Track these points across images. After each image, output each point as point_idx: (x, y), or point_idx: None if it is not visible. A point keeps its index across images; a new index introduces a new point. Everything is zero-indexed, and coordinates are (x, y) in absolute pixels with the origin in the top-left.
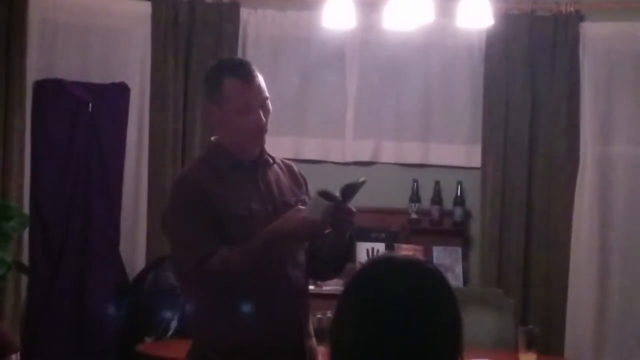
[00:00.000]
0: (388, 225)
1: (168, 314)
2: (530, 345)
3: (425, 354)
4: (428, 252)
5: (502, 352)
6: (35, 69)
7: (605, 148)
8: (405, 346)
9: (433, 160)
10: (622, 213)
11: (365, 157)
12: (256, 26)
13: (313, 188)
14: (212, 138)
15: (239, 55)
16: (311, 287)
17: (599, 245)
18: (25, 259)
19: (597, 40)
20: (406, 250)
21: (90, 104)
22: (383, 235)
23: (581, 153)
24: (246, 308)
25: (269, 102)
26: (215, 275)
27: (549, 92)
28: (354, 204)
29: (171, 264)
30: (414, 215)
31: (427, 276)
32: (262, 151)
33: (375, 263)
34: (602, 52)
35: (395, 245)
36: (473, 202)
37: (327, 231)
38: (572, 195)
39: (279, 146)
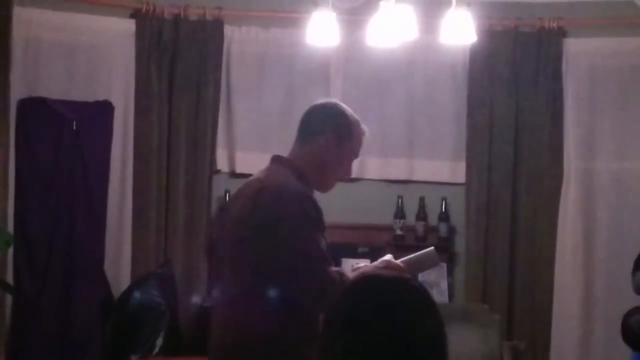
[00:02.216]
0: (373, 241)
1: (153, 332)
2: None
3: None
4: None
5: None
6: (19, 87)
7: (588, 163)
8: None
9: (417, 176)
10: (605, 228)
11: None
12: (240, 43)
13: None
14: (285, 158)
15: (224, 72)
16: None
17: (584, 260)
18: (9, 278)
19: (580, 56)
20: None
21: (74, 122)
22: (368, 250)
23: (565, 168)
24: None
25: None
26: None
27: (532, 108)
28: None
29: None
30: (398, 232)
31: (411, 294)
32: None
33: (361, 280)
34: (585, 68)
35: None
36: (458, 218)
37: None
38: (556, 210)
39: (264, 163)
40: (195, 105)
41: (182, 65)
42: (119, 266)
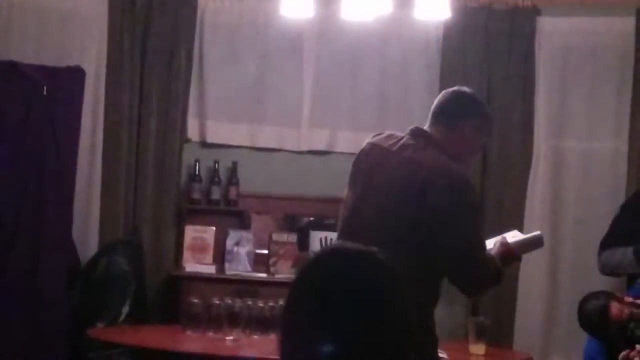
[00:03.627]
0: None
1: (120, 300)
2: (480, 336)
3: (375, 343)
4: None
5: (453, 342)
6: None
7: (558, 142)
8: (354, 335)
9: None
10: (573, 206)
11: (321, 147)
12: (214, 12)
13: (264, 177)
14: (438, 140)
15: (197, 41)
16: (263, 274)
17: (550, 237)
18: None
19: (552, 35)
20: None
21: (44, 87)
22: (334, 223)
23: (535, 146)
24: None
25: None
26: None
27: (504, 86)
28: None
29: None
30: None
31: (377, 266)
32: None
33: (326, 253)
34: (557, 47)
35: None
36: None
37: None
38: (525, 188)
39: (235, 133)
40: (167, 74)
41: (155, 34)
42: (87, 233)
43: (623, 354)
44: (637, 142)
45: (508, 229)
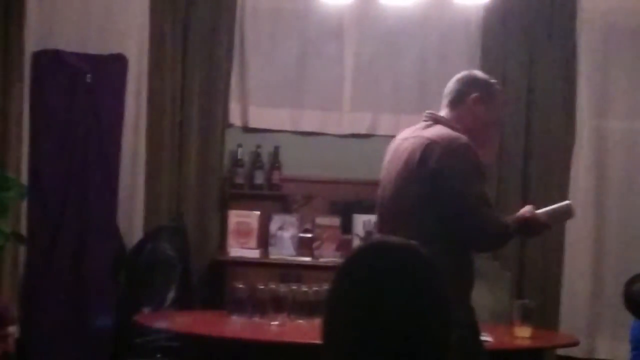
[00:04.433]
0: None
1: (165, 285)
2: (525, 319)
3: (413, 336)
4: None
5: (498, 325)
6: (33, 39)
7: (601, 122)
8: (393, 328)
9: None
10: (617, 186)
11: (363, 130)
12: None
13: (306, 161)
14: (444, 119)
15: (237, 26)
16: (308, 258)
17: (595, 218)
18: (23, 229)
19: (594, 15)
20: None
21: (88, 75)
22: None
23: (577, 127)
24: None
25: None
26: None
27: (545, 67)
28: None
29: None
30: None
31: (418, 262)
32: None
33: (368, 246)
34: (599, 27)
35: None
36: None
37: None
38: (568, 168)
39: (277, 118)
40: (208, 60)
41: (196, 19)
42: (132, 219)
43: None
44: None
45: None
